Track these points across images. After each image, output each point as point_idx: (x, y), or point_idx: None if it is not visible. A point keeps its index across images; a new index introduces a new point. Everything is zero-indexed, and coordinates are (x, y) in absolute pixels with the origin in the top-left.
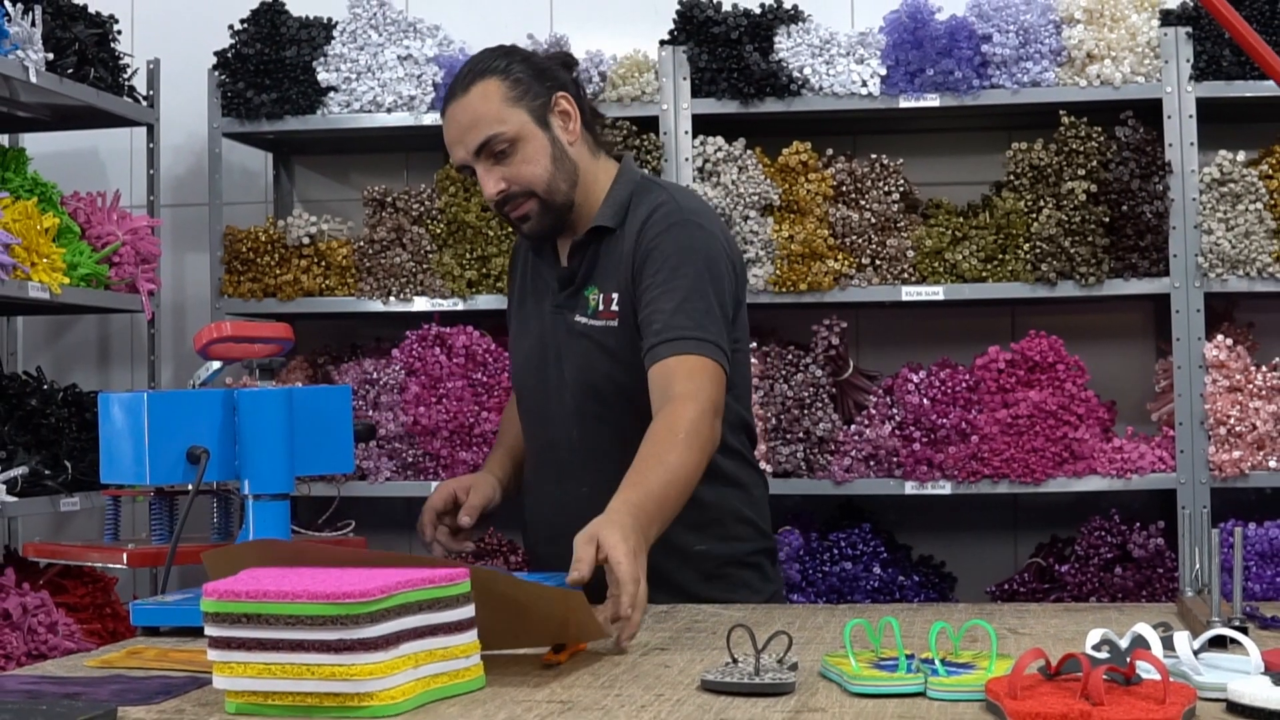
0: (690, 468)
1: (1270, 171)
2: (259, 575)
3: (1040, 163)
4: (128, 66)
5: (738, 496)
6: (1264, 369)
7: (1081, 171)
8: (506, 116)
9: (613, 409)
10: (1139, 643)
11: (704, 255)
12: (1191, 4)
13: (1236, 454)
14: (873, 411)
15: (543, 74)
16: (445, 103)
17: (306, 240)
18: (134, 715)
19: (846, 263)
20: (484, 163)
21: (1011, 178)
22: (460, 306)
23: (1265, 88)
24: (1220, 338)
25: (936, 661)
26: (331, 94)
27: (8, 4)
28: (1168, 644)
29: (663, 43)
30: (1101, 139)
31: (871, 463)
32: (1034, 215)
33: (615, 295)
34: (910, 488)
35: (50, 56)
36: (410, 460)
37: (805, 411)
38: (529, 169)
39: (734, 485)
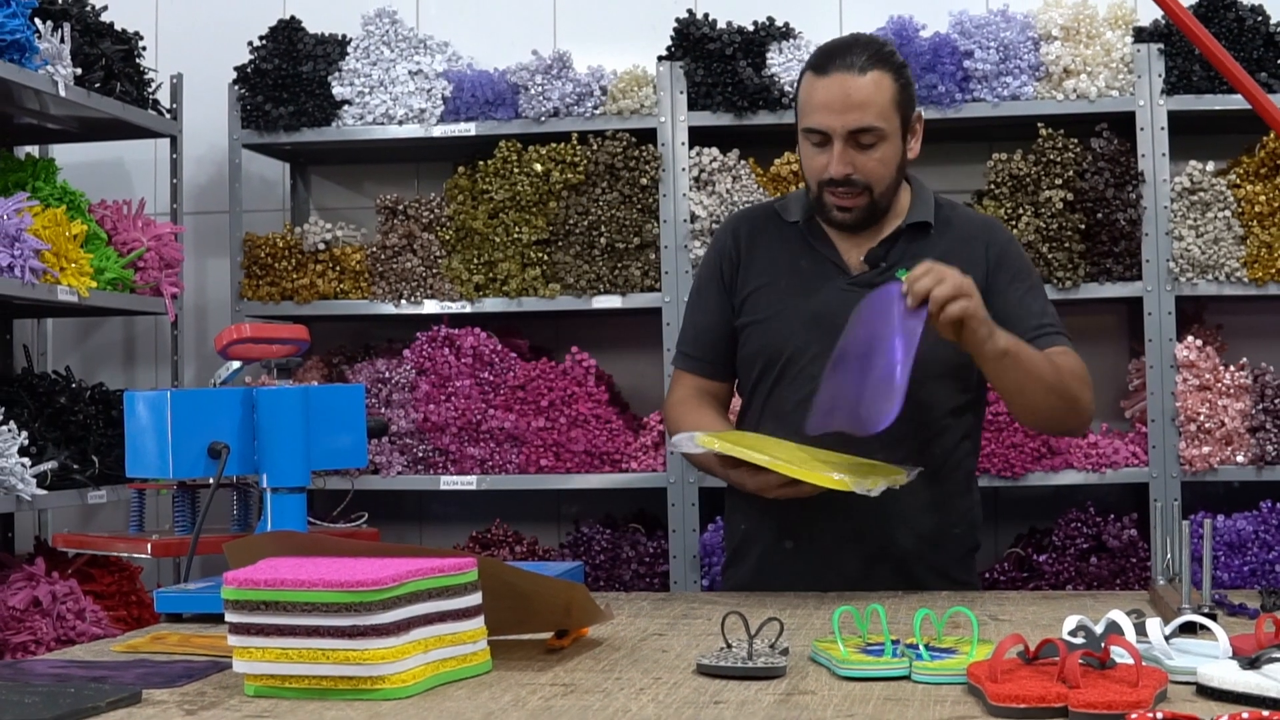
0: (1055, 381)
1: (1238, 181)
2: (277, 565)
3: (1019, 172)
4: (152, 81)
5: (974, 493)
6: (1232, 368)
7: (1059, 181)
8: (889, 115)
9: (922, 382)
10: (1113, 629)
11: (1036, 272)
12: (1164, 21)
13: (1206, 449)
14: None
15: (913, 87)
16: (828, 63)
17: (322, 246)
18: (158, 698)
19: None
20: (846, 143)
21: (992, 187)
22: (468, 309)
23: (1234, 101)
24: (1190, 339)
25: (921, 646)
26: (346, 107)
27: (38, 21)
28: (1140, 630)
29: (661, 58)
30: (1077, 150)
31: None
32: (1013, 222)
33: None
34: None
35: (78, 71)
36: (421, 455)
37: None
38: (880, 169)
39: (975, 483)
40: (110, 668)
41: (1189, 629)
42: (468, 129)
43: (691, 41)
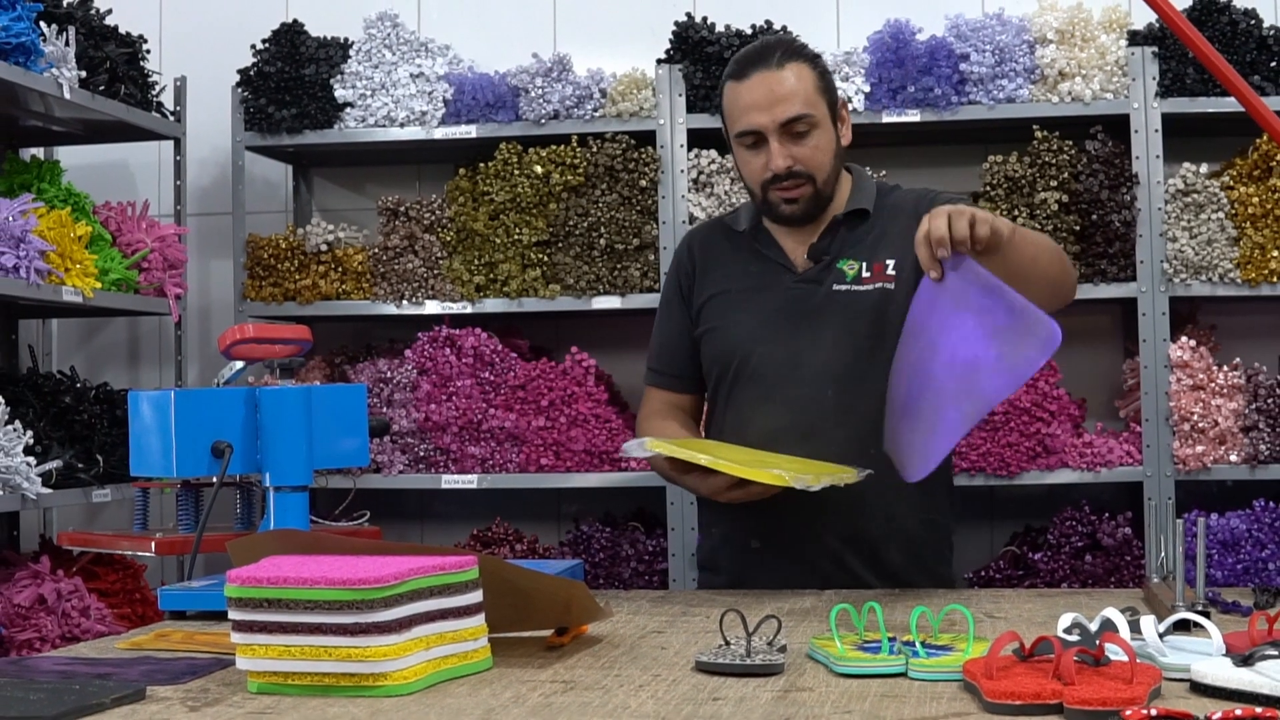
0: (1056, 254)
1: (1231, 183)
2: (279, 563)
3: (1015, 174)
4: (156, 84)
5: (945, 483)
6: (1225, 368)
7: (1054, 183)
8: (815, 102)
9: (874, 366)
10: (1108, 626)
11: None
12: (1157, 25)
13: (1199, 448)
14: None
15: (831, 78)
16: (746, 68)
17: (324, 247)
18: (162, 694)
19: None
20: (781, 136)
21: (988, 188)
22: (469, 310)
23: (1227, 104)
24: (1184, 339)
25: (917, 644)
26: (348, 109)
27: (43, 25)
28: (1135, 627)
29: (660, 62)
30: (1072, 152)
31: None
32: None
33: (891, 261)
34: None
35: (83, 74)
36: (422, 454)
37: None
38: (819, 156)
39: (949, 467)
40: (114, 665)
41: (1183, 626)
42: (468, 131)
43: (690, 45)
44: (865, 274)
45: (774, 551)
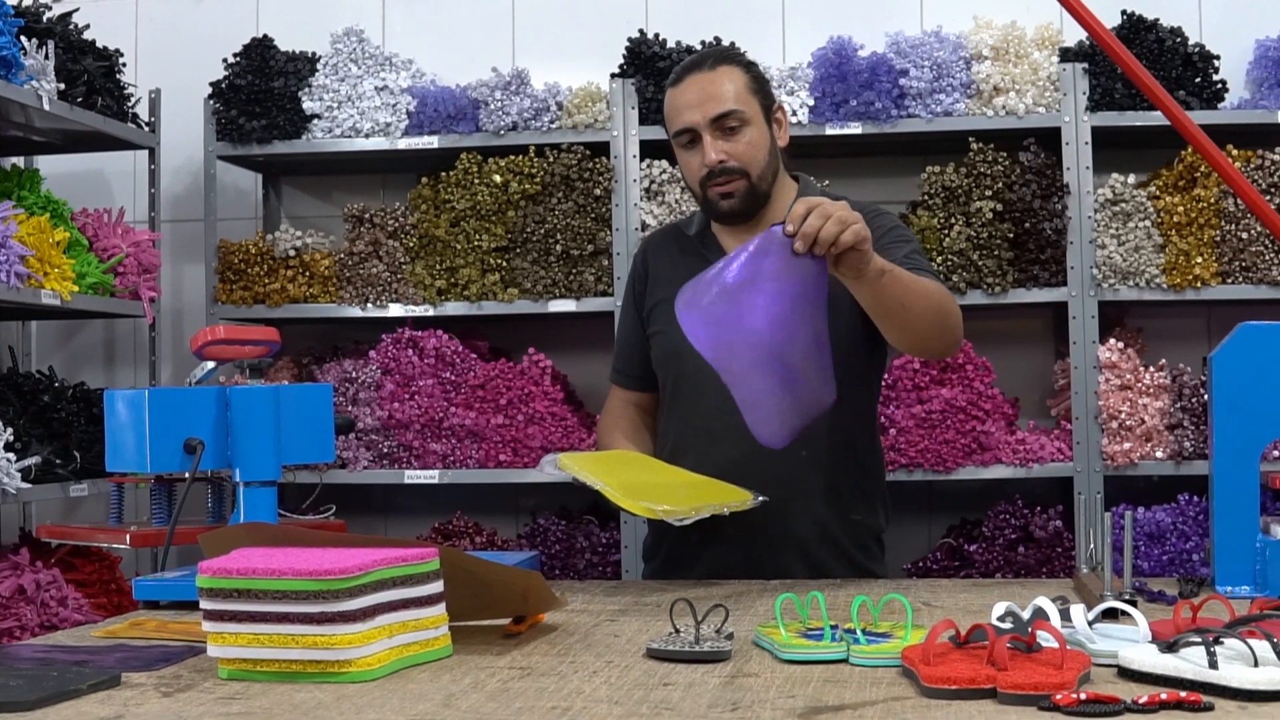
0: (932, 294)
1: (1157, 193)
2: (249, 554)
3: (952, 184)
4: (131, 96)
5: (878, 475)
6: (1151, 369)
7: (988, 192)
8: (746, 100)
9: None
10: (1039, 614)
11: (908, 232)
12: (1088, 42)
13: (1127, 445)
14: None
15: (767, 83)
16: (681, 74)
17: (292, 252)
18: (136, 680)
19: None
20: (714, 132)
21: (926, 198)
22: (431, 312)
23: (1154, 117)
24: (1112, 341)
25: (858, 631)
26: (315, 121)
27: (24, 39)
28: (1065, 616)
29: (614, 76)
30: (1006, 163)
31: None
32: (946, 231)
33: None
34: None
35: (62, 86)
36: (386, 451)
37: None
38: (751, 151)
39: (878, 465)
40: (91, 652)
41: (1111, 615)
42: (430, 142)
43: (643, 60)
44: None
45: (711, 545)
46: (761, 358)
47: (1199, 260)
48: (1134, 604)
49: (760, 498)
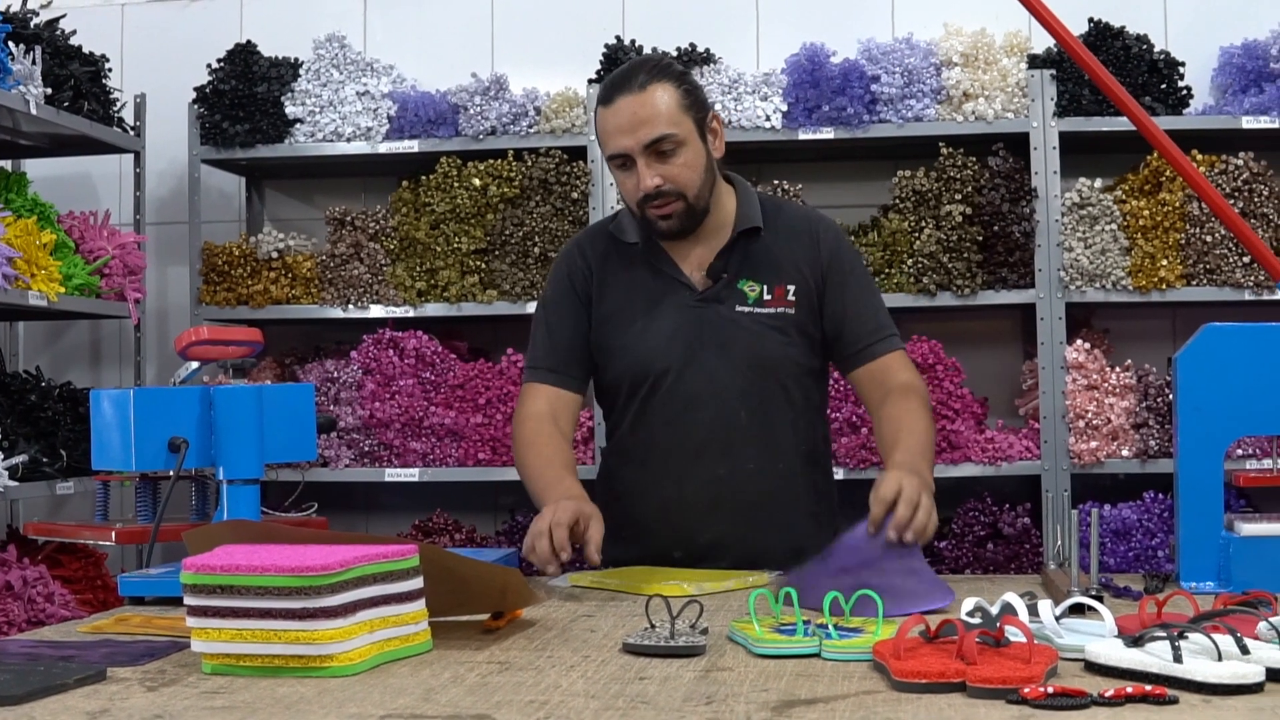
0: (932, 433)
1: (1124, 197)
2: (232, 551)
3: (922, 188)
4: (117, 100)
5: (831, 495)
6: (1117, 369)
7: (958, 196)
8: (679, 121)
9: (784, 385)
10: (1008, 610)
11: (865, 264)
12: (1056, 49)
13: (1093, 444)
14: None
15: (700, 91)
16: (612, 93)
17: (275, 255)
18: (122, 675)
19: None
20: (647, 157)
21: (897, 201)
22: (411, 314)
23: (1120, 123)
24: (1079, 342)
25: (830, 626)
26: (298, 125)
27: (12, 45)
28: (1033, 611)
29: (590, 81)
30: (976, 168)
31: None
32: (916, 235)
33: (792, 287)
34: None
35: (49, 91)
36: (367, 449)
37: None
38: (687, 173)
39: (831, 486)
40: (77, 647)
41: (1078, 610)
42: (411, 146)
43: (618, 66)
44: (767, 296)
45: (694, 566)
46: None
47: (1164, 263)
48: (1100, 599)
49: (776, 573)
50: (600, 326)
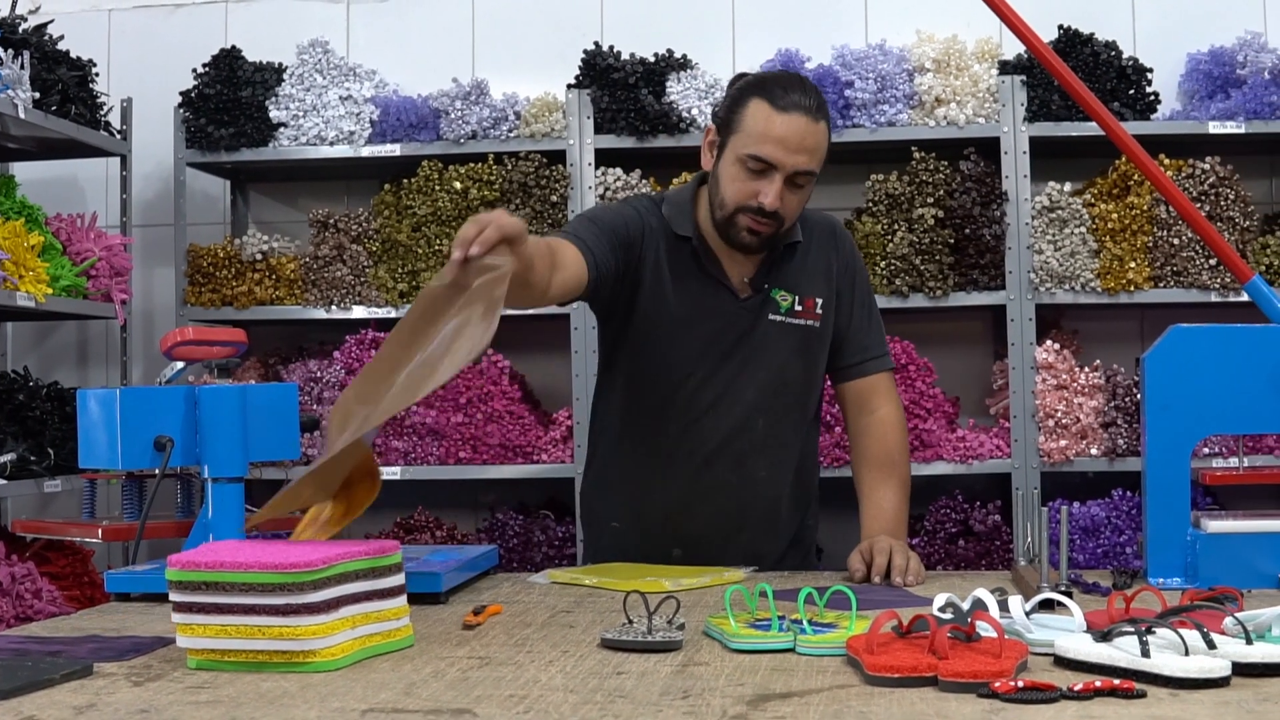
0: (905, 499)
1: (1092, 200)
2: (216, 548)
3: (895, 192)
4: (104, 104)
5: (815, 489)
6: (1086, 370)
7: (930, 199)
8: (821, 162)
9: (798, 399)
10: (979, 605)
11: (873, 299)
12: (1026, 56)
13: (1063, 443)
14: None
15: None
16: (789, 103)
17: (259, 256)
18: (108, 670)
19: None
20: (785, 179)
21: (870, 204)
22: (393, 314)
23: (1089, 128)
24: (1049, 343)
25: (805, 622)
26: (282, 129)
27: (0, 50)
28: (1003, 606)
29: (570, 86)
30: (947, 171)
31: None
32: (889, 237)
33: (819, 300)
34: None
35: (37, 95)
36: None
37: None
38: (799, 208)
39: (815, 481)
40: (65, 643)
41: (1047, 605)
42: (393, 150)
43: (598, 71)
44: (798, 308)
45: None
46: None
47: (1132, 265)
48: (1070, 595)
49: (753, 568)
50: (633, 300)
